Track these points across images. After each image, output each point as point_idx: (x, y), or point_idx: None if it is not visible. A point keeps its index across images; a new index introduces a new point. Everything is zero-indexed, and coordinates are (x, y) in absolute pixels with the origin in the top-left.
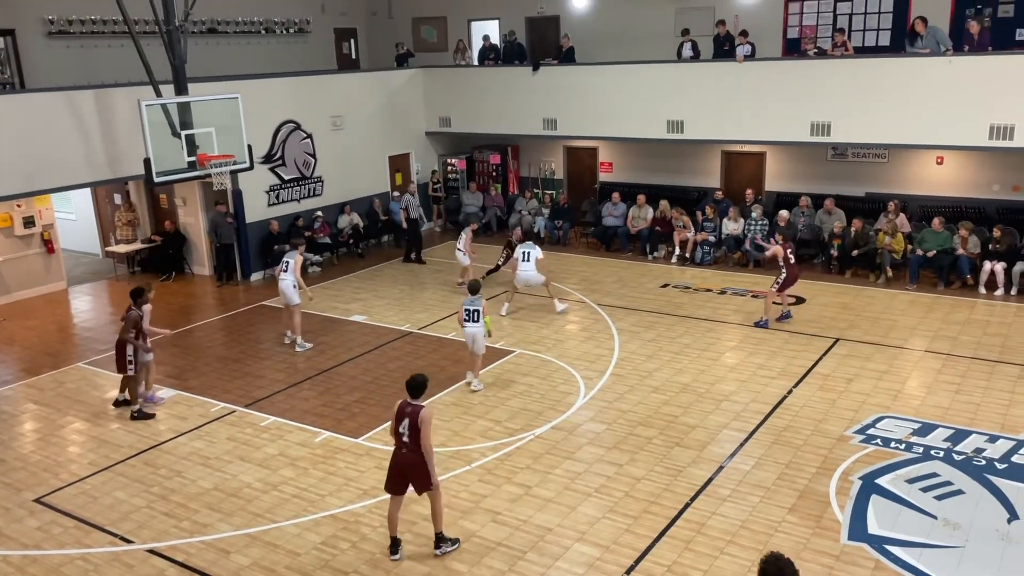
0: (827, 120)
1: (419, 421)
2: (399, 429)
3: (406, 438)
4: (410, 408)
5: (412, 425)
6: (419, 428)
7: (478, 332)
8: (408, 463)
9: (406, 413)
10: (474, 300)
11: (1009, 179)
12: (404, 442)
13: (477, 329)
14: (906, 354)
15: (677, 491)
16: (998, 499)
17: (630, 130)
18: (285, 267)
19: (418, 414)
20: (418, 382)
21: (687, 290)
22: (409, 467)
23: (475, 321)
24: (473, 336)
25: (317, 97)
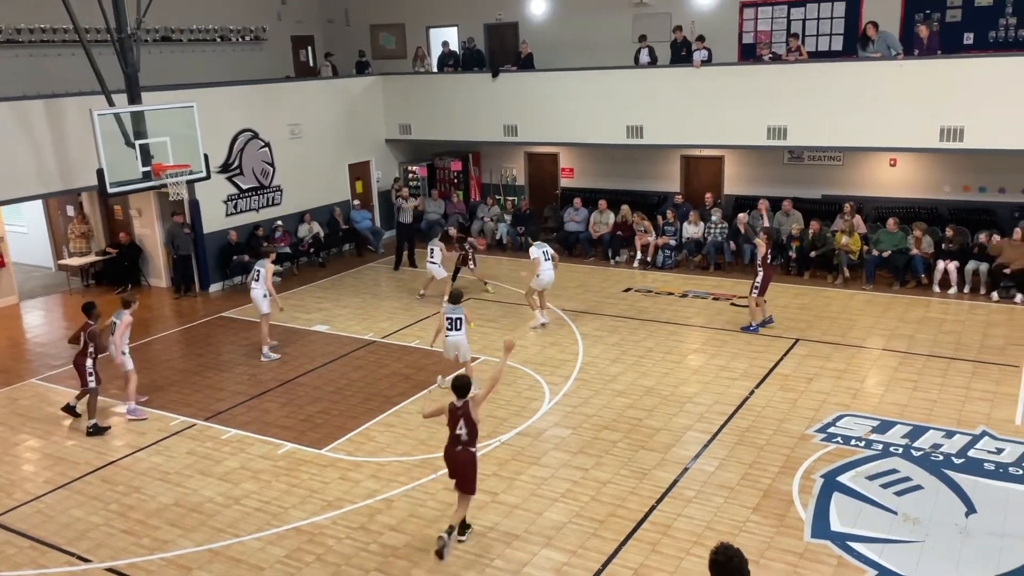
0: (783, 124)
1: (473, 414)
2: (456, 431)
3: (465, 436)
4: (460, 409)
5: (468, 422)
6: (475, 422)
7: (461, 340)
8: (461, 461)
9: (459, 415)
10: (455, 308)
11: (960, 180)
12: (463, 441)
13: (460, 337)
14: (864, 353)
15: (643, 494)
16: (956, 493)
17: (590, 135)
18: (256, 276)
19: (469, 411)
20: (463, 383)
21: (649, 294)
22: (462, 465)
23: (457, 330)
24: (456, 344)
25: (275, 105)
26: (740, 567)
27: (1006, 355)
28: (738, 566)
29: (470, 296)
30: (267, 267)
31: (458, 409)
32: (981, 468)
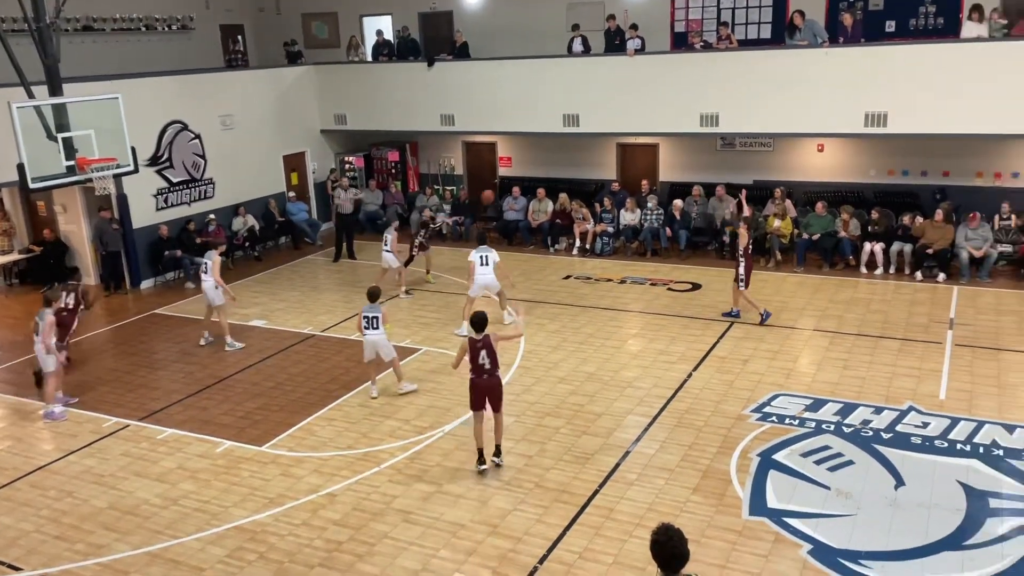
0: (715, 111)
1: (494, 342)
2: (479, 360)
3: (488, 365)
4: (480, 341)
5: (490, 352)
6: (496, 351)
7: (379, 340)
8: (489, 386)
9: (479, 347)
10: (373, 307)
11: (884, 164)
12: (486, 369)
13: (378, 336)
14: (797, 334)
15: (586, 479)
16: (885, 467)
17: (527, 124)
18: (205, 269)
19: (489, 341)
20: (480, 317)
21: (589, 281)
22: (490, 389)
23: (375, 328)
24: (375, 344)
25: (204, 96)
26: (679, 546)
27: (930, 332)
28: (677, 545)
29: (415, 288)
30: (214, 259)
31: (478, 342)
32: (908, 442)
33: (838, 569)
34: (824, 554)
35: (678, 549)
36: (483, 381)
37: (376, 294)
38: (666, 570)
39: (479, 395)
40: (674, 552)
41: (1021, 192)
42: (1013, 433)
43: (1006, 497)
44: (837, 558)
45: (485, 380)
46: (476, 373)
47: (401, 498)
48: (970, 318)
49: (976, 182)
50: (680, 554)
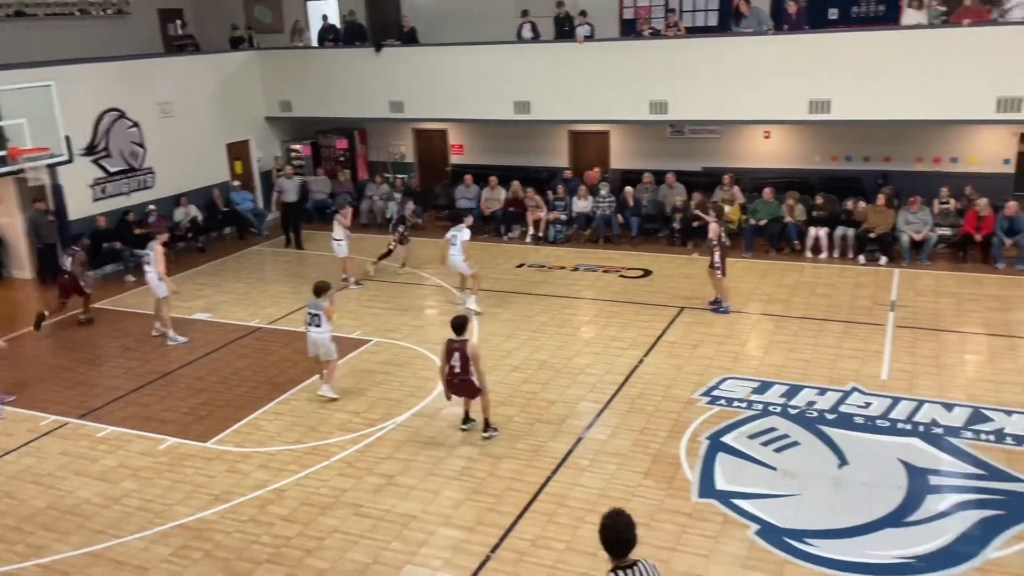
0: (664, 99)
1: (470, 354)
2: (451, 361)
3: (457, 368)
4: (457, 344)
5: (463, 356)
6: (470, 359)
7: (320, 338)
8: (458, 386)
9: (455, 348)
10: (316, 303)
11: (828, 150)
12: (456, 372)
13: (319, 335)
14: (744, 318)
15: (538, 466)
16: (829, 447)
17: (478, 111)
18: (148, 260)
19: (465, 348)
20: (460, 321)
21: (542, 269)
22: (459, 388)
23: (318, 326)
24: (315, 342)
25: (142, 83)
26: (624, 531)
27: (873, 315)
28: (622, 530)
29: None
30: (156, 248)
31: (454, 343)
32: (852, 422)
33: (784, 548)
34: (771, 534)
35: (623, 534)
36: (453, 384)
37: (321, 288)
38: (611, 554)
39: (451, 391)
40: (618, 537)
41: (959, 176)
42: (952, 412)
43: (946, 474)
44: (783, 537)
45: (456, 384)
46: (448, 373)
47: (351, 491)
48: (911, 300)
49: (916, 167)
50: (624, 539)
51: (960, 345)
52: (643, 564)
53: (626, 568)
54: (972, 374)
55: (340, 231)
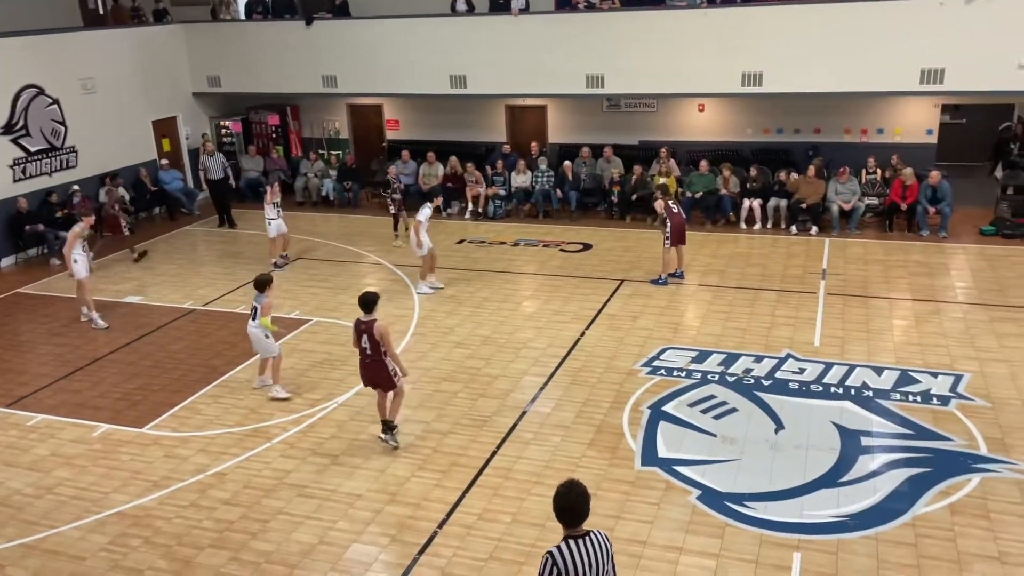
0: (600, 73)
1: (376, 335)
2: (360, 343)
3: (368, 350)
4: (364, 324)
5: (371, 338)
6: (377, 341)
7: (255, 334)
8: (372, 369)
9: (361, 329)
10: (257, 296)
11: (760, 122)
12: (367, 353)
13: (255, 329)
14: (683, 289)
15: (483, 441)
16: (766, 413)
17: (413, 86)
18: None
19: (372, 328)
20: (368, 299)
21: (483, 244)
22: (374, 373)
23: (254, 320)
24: (253, 337)
25: (62, 58)
26: (578, 499)
27: (805, 283)
28: (575, 499)
29: (325, 256)
30: (73, 231)
31: (362, 324)
32: (787, 388)
33: (725, 512)
34: (712, 498)
35: (576, 505)
36: (365, 366)
37: (263, 282)
38: (564, 524)
39: (365, 378)
40: (572, 507)
41: (885, 147)
42: (881, 375)
43: (876, 435)
44: (724, 501)
45: (368, 364)
46: (361, 356)
47: (295, 472)
48: (841, 268)
49: (845, 138)
50: (577, 510)
51: (888, 311)
52: (595, 534)
53: (578, 538)
54: (900, 338)
55: (270, 210)
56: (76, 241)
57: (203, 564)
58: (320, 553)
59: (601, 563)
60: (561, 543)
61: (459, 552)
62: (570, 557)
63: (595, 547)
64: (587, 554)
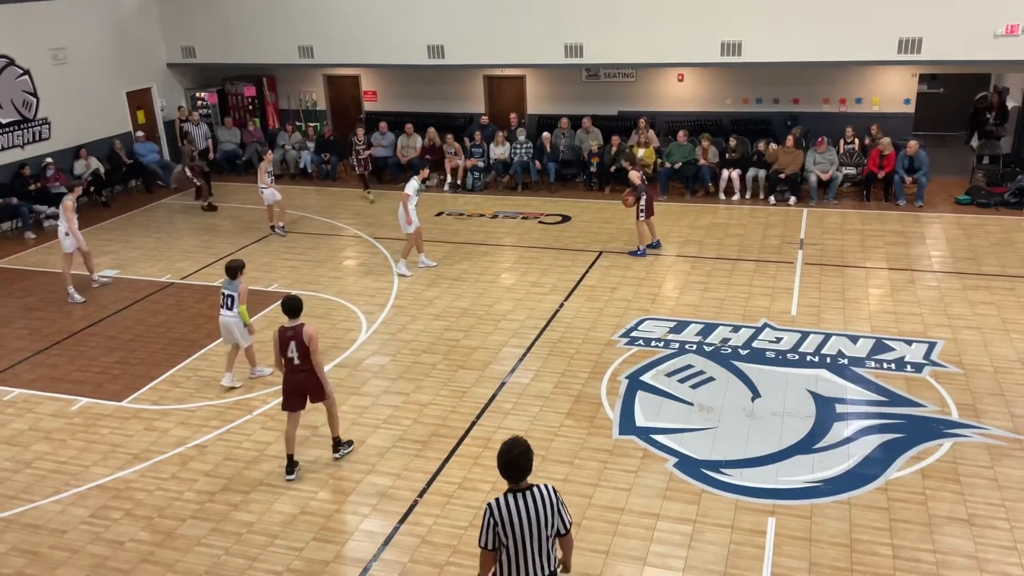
0: (579, 42)
1: (305, 339)
2: (288, 353)
3: (297, 360)
4: (291, 331)
5: (300, 345)
6: (307, 346)
7: (231, 322)
8: (303, 381)
9: (288, 336)
10: (231, 283)
11: (739, 93)
12: (295, 364)
13: (230, 319)
14: (661, 260)
15: (463, 411)
16: (743, 382)
17: (391, 56)
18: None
19: (301, 333)
20: (293, 305)
21: (461, 217)
22: (305, 384)
23: (230, 309)
24: (227, 327)
25: (30, 28)
26: (518, 456)
27: (782, 253)
28: (516, 456)
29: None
30: (64, 204)
31: (287, 331)
32: (764, 357)
33: (701, 479)
34: (688, 466)
35: (516, 461)
36: (295, 377)
37: (236, 268)
38: (507, 479)
39: (290, 393)
40: (512, 463)
41: (863, 117)
42: (856, 343)
43: (851, 402)
44: (700, 468)
45: (298, 376)
46: (286, 367)
47: (275, 444)
48: (818, 238)
49: (823, 108)
50: (517, 466)
51: (864, 280)
52: (538, 488)
53: (518, 492)
54: (875, 307)
55: (266, 177)
56: (72, 214)
57: (185, 535)
58: (301, 523)
59: (544, 515)
60: (500, 496)
61: (439, 520)
62: (506, 509)
63: (536, 501)
64: (527, 507)
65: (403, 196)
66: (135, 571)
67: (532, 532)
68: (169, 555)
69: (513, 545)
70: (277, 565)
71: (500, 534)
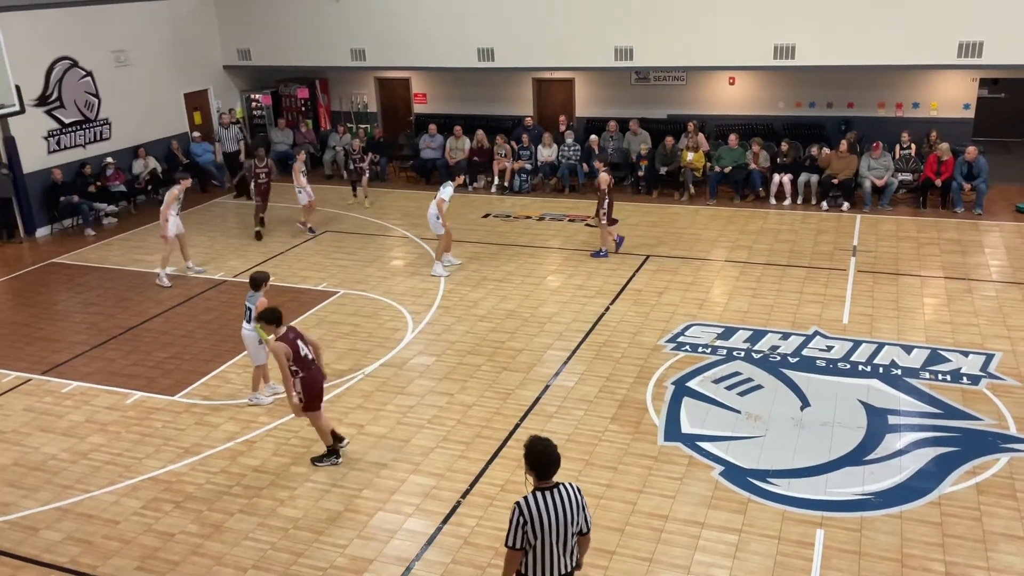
0: (629, 45)
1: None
2: (302, 353)
3: (311, 356)
4: (291, 332)
5: (306, 340)
6: (313, 341)
7: (247, 336)
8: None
9: (293, 338)
10: (251, 295)
11: (792, 96)
12: (311, 361)
13: (247, 332)
14: (709, 265)
15: (507, 413)
16: (792, 390)
17: (441, 59)
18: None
19: (301, 332)
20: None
21: (508, 219)
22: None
23: (248, 321)
24: (246, 340)
25: (95, 30)
26: (549, 453)
27: (834, 260)
28: (548, 452)
29: (353, 229)
30: (172, 192)
31: (289, 334)
32: (814, 365)
33: (747, 488)
34: (735, 474)
35: (547, 458)
36: (314, 376)
37: (259, 280)
38: (534, 476)
39: (317, 392)
40: (543, 460)
41: (920, 122)
42: (911, 353)
43: (904, 414)
44: (747, 477)
45: (315, 375)
46: (306, 368)
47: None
48: (872, 245)
49: (879, 113)
50: (547, 463)
51: (919, 289)
52: (564, 486)
53: (546, 490)
54: (930, 316)
55: (302, 179)
56: (173, 202)
57: (232, 529)
58: (346, 520)
59: (571, 514)
60: (529, 495)
61: (482, 522)
62: (535, 507)
63: (564, 498)
64: (555, 505)
65: (438, 201)
66: (184, 563)
67: (559, 530)
68: (217, 548)
69: (540, 544)
70: (321, 561)
71: (529, 533)
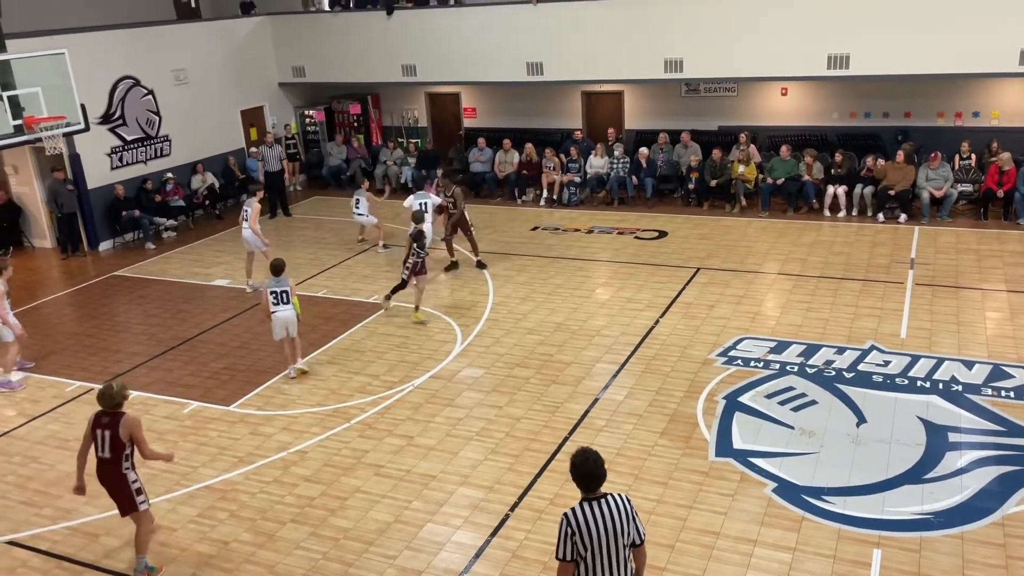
0: (679, 57)
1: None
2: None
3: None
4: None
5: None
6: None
7: (289, 316)
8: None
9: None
10: (280, 280)
11: (847, 106)
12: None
13: (288, 312)
14: (761, 278)
15: (555, 427)
16: (847, 406)
17: (491, 74)
18: (245, 216)
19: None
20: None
21: (557, 231)
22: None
23: (284, 303)
24: (285, 321)
25: (156, 50)
26: (594, 465)
27: (891, 273)
28: (593, 463)
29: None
30: (254, 205)
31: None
32: (870, 380)
33: (801, 505)
34: (788, 491)
35: (592, 470)
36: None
37: (280, 267)
38: (582, 488)
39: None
40: (588, 471)
41: (981, 131)
42: (972, 369)
43: (964, 431)
44: (801, 495)
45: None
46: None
47: (372, 452)
48: (930, 258)
49: (937, 122)
50: (594, 474)
51: (980, 302)
52: (612, 496)
53: (593, 500)
54: (992, 331)
55: (364, 205)
56: (256, 214)
57: (284, 538)
58: (396, 531)
59: (620, 524)
60: (576, 505)
61: (530, 535)
62: (583, 518)
63: (612, 508)
64: (603, 515)
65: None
66: (238, 571)
67: (610, 541)
68: (271, 557)
69: (591, 556)
70: (371, 572)
71: (579, 544)
